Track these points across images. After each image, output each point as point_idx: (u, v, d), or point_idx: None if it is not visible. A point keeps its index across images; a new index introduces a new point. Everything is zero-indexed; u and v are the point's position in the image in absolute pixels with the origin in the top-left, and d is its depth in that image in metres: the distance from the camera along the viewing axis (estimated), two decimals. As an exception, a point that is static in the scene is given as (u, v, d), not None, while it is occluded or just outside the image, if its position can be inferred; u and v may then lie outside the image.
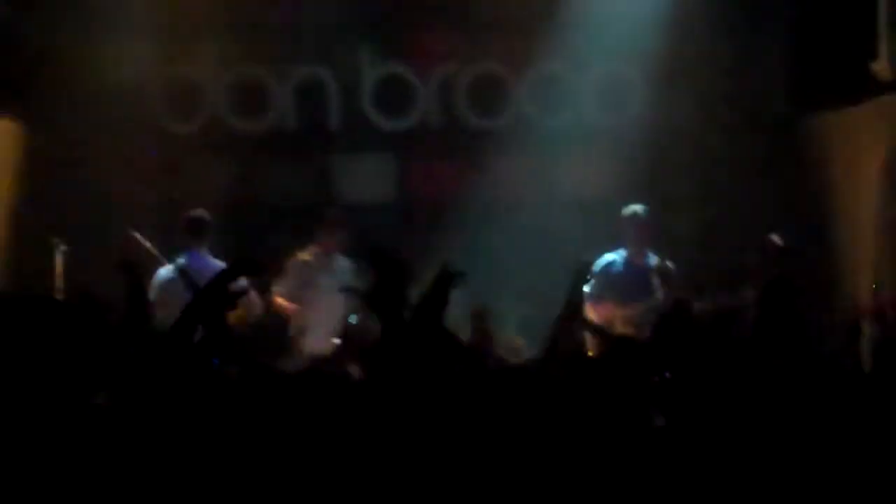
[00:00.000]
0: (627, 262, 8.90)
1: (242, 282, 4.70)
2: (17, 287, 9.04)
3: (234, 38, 10.19)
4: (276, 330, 8.90)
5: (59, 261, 8.66)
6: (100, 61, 9.88)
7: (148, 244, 8.31)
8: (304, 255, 9.02)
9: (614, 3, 10.00)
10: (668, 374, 4.39)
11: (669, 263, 8.93)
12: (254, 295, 8.12)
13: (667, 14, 9.96)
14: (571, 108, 10.42)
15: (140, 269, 4.66)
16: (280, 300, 8.95)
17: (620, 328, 8.37)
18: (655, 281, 8.79)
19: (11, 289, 8.92)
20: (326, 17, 10.00)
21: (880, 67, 9.09)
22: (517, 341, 9.05)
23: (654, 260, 8.95)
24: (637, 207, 8.96)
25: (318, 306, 8.80)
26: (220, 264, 8.23)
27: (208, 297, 4.27)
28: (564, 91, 10.43)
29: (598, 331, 6.07)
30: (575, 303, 5.02)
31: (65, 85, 9.89)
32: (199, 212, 8.52)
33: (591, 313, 8.61)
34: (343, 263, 8.99)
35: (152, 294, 7.95)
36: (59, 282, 8.50)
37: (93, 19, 9.93)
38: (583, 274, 5.30)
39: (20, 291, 6.47)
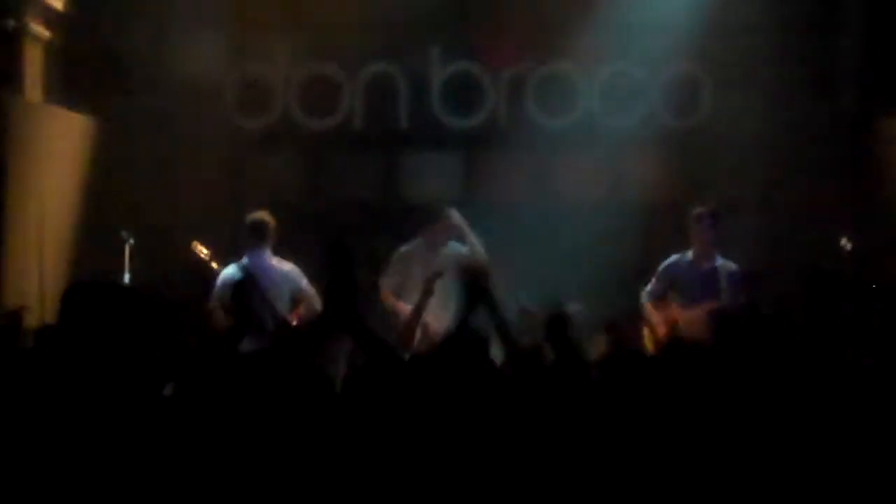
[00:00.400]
0: (693, 264, 8.76)
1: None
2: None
3: (305, 36, 10.27)
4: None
5: (127, 253, 8.73)
6: (171, 57, 10.00)
7: (205, 252, 8.27)
8: (409, 249, 8.84)
9: (682, 4, 9.90)
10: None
11: (735, 266, 8.76)
12: (312, 292, 8.10)
13: (735, 14, 9.90)
14: (640, 109, 10.36)
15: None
16: (387, 295, 8.76)
17: (684, 330, 8.24)
18: (722, 283, 8.61)
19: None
20: (396, 16, 9.99)
21: None
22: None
23: (721, 262, 8.79)
24: (704, 208, 8.81)
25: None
26: (282, 264, 8.28)
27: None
28: (633, 91, 10.37)
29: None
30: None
31: (136, 80, 10.05)
32: (261, 214, 8.47)
33: (653, 314, 8.66)
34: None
35: (217, 294, 8.06)
36: (126, 274, 8.60)
37: (165, 16, 10.08)
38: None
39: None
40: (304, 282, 8.27)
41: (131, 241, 8.77)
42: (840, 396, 4.30)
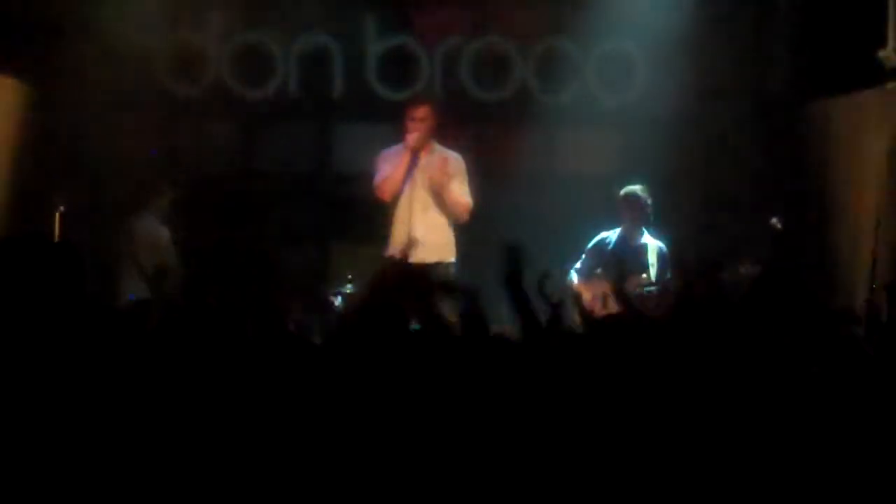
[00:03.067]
0: (622, 240, 8.90)
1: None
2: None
3: (239, 5, 10.08)
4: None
5: (57, 219, 8.57)
6: (105, 25, 9.69)
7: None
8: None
9: None
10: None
11: (662, 243, 8.93)
12: None
13: None
14: (575, 85, 10.29)
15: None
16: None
17: (613, 305, 8.16)
18: (649, 259, 8.78)
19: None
20: None
21: (887, 55, 9.00)
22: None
23: (648, 239, 8.93)
24: (633, 187, 8.97)
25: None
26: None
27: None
28: (568, 67, 10.31)
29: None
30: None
31: (70, 48, 9.70)
32: None
33: (584, 290, 8.68)
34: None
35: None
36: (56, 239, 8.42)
37: None
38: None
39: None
40: None
41: (62, 208, 8.59)
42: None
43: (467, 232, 8.71)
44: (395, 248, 8.49)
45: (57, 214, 8.60)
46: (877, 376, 4.13)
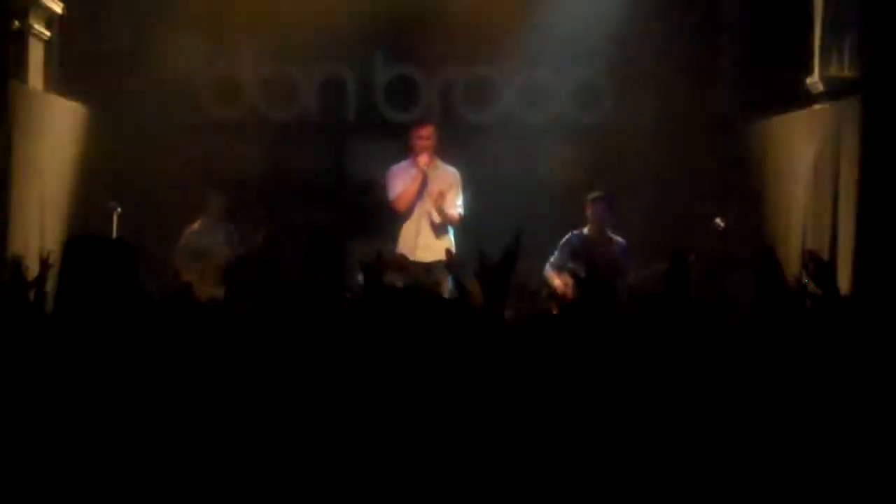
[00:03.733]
0: (588, 238, 9.36)
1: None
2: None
3: (267, 41, 10.45)
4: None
5: (115, 222, 9.13)
6: (153, 55, 10.21)
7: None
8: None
9: (586, 18, 10.30)
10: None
11: (622, 240, 9.38)
12: None
13: (630, 25, 10.31)
14: (550, 107, 10.77)
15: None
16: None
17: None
18: (610, 255, 9.16)
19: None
20: (347, 25, 10.25)
21: (813, 82, 9.34)
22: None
23: (611, 236, 9.41)
24: (598, 193, 9.45)
25: None
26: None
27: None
28: (545, 92, 10.79)
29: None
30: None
31: (123, 74, 10.24)
32: None
33: (555, 280, 9.22)
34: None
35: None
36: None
37: (149, 18, 10.33)
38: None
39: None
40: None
41: (118, 210, 9.15)
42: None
43: (464, 233, 9.33)
44: (403, 249, 9.26)
45: (114, 217, 9.11)
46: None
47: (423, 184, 9.44)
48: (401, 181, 9.49)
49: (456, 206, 9.47)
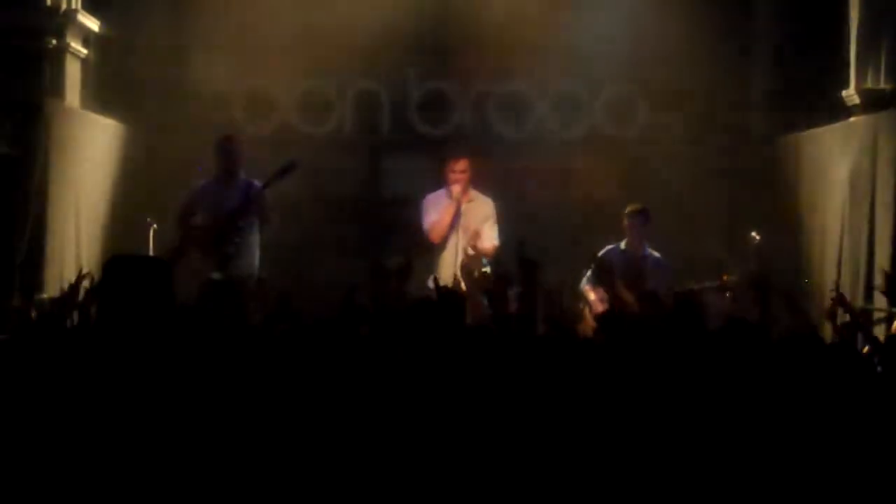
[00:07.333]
0: (624, 252, 9.16)
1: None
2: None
3: (301, 58, 10.35)
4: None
5: (151, 236, 9.01)
6: (190, 72, 10.27)
7: None
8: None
9: (622, 35, 10.33)
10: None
11: (659, 255, 9.20)
12: None
13: (664, 44, 10.22)
14: (584, 122, 10.72)
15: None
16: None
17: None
18: (648, 269, 9.00)
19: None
20: (381, 41, 10.26)
21: (848, 95, 9.31)
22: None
23: (648, 252, 9.20)
24: (635, 206, 9.24)
25: None
26: None
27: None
28: (578, 105, 10.73)
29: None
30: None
31: (159, 91, 10.27)
32: None
33: (591, 294, 9.02)
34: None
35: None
36: (151, 254, 8.73)
37: (185, 37, 10.38)
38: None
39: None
40: None
41: (155, 226, 9.04)
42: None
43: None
44: (444, 281, 8.80)
45: (150, 232, 8.99)
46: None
47: (457, 215, 9.28)
48: (434, 210, 9.37)
49: (492, 238, 9.31)
